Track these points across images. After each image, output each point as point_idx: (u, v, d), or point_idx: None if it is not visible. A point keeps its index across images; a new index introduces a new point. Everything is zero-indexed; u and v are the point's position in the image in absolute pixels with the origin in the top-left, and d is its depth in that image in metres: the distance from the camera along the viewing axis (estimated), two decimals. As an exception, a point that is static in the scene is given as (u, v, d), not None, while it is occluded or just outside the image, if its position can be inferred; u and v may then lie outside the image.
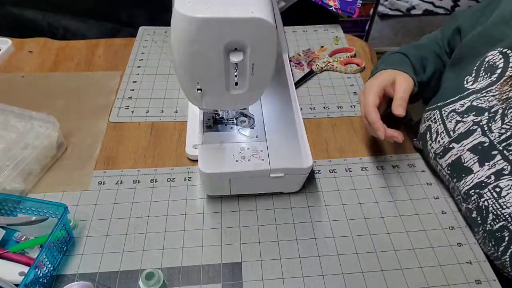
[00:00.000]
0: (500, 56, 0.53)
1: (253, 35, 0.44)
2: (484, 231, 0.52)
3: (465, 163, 0.53)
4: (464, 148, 0.54)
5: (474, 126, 0.53)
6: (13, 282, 0.50)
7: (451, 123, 0.56)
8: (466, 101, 0.56)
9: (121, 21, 1.09)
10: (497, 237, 0.49)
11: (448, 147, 0.56)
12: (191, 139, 0.69)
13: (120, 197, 0.62)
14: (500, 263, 0.50)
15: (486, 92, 0.53)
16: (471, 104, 0.55)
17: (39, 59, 0.88)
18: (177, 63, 0.47)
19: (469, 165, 0.53)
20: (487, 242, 0.52)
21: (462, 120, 0.55)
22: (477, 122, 0.53)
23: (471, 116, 0.54)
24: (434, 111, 0.60)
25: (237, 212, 0.61)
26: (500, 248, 0.49)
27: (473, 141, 0.53)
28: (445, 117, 0.57)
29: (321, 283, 0.53)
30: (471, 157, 0.53)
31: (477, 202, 0.52)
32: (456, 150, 0.55)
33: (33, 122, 0.65)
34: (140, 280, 0.46)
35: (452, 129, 0.56)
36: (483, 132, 0.52)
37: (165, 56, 0.90)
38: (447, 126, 0.57)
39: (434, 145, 0.59)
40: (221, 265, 0.55)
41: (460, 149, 0.54)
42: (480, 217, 0.52)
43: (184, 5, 0.42)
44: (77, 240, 0.57)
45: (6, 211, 0.57)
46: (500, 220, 0.49)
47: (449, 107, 0.57)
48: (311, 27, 1.01)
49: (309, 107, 0.79)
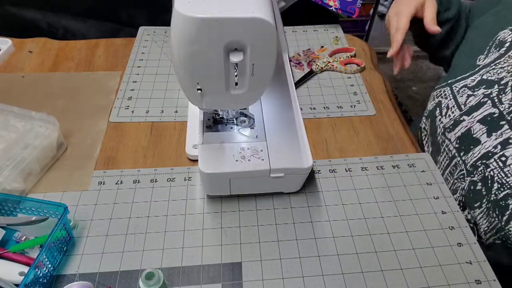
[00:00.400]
0: (510, 33, 0.56)
1: (253, 35, 0.44)
2: (488, 202, 0.51)
3: (474, 134, 0.54)
4: (474, 120, 0.54)
5: (484, 99, 0.55)
6: (13, 282, 0.50)
7: (462, 98, 0.58)
8: (477, 75, 0.57)
9: (121, 21, 1.09)
10: (501, 206, 0.49)
11: (458, 120, 0.57)
12: (191, 139, 0.69)
13: (120, 197, 0.62)
14: (503, 233, 0.50)
15: (495, 65, 0.55)
16: (481, 78, 0.56)
17: (39, 59, 0.88)
18: (177, 63, 0.47)
19: (477, 136, 0.53)
20: (491, 213, 0.51)
21: (473, 94, 0.56)
22: (488, 94, 0.54)
23: (482, 89, 0.55)
24: (445, 88, 0.62)
25: (237, 212, 0.61)
26: (504, 217, 0.49)
27: (483, 113, 0.54)
28: (456, 92, 0.59)
29: (321, 283, 0.53)
30: (480, 128, 0.53)
31: (483, 173, 0.51)
32: (467, 122, 0.55)
33: (33, 122, 0.65)
34: (140, 280, 0.46)
35: (464, 102, 0.57)
36: (493, 104, 0.53)
37: (165, 56, 0.90)
38: (458, 100, 0.58)
39: (443, 119, 0.60)
40: (221, 265, 0.55)
41: (471, 121, 0.55)
42: (485, 188, 0.51)
43: (184, 5, 0.42)
44: (77, 240, 0.57)
45: (6, 211, 0.57)
46: (504, 188, 0.49)
47: (460, 83, 0.59)
48: (311, 27, 1.01)
49: (309, 107, 0.79)
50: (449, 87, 0.61)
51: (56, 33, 1.07)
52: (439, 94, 0.63)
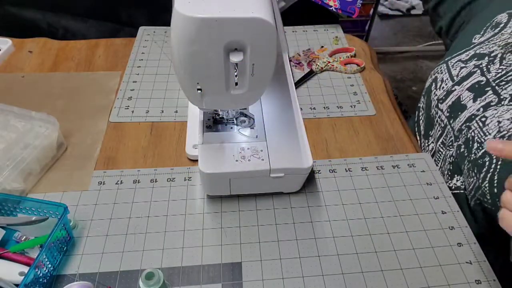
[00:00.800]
0: (506, 15, 0.60)
1: (253, 35, 0.44)
2: (469, 162, 0.53)
3: (462, 100, 0.57)
4: (463, 88, 0.58)
5: (474, 69, 0.58)
6: (13, 282, 0.50)
7: (455, 70, 0.61)
8: (471, 51, 0.61)
9: (121, 21, 1.09)
10: (479, 164, 0.50)
11: (450, 90, 0.60)
12: (191, 139, 0.69)
13: (120, 197, 0.62)
14: (480, 192, 0.50)
15: (488, 42, 0.59)
16: (474, 52, 0.60)
17: (39, 59, 0.88)
18: (177, 63, 0.47)
19: (465, 102, 0.57)
20: (471, 172, 0.52)
21: (465, 66, 0.60)
22: (478, 65, 0.58)
23: (474, 61, 0.59)
24: (442, 65, 0.65)
25: (237, 212, 0.61)
26: (481, 175, 0.50)
27: (472, 81, 0.57)
28: (451, 67, 0.63)
29: (321, 283, 0.53)
30: (468, 94, 0.57)
31: (465, 135, 0.54)
32: (457, 91, 0.59)
33: (33, 122, 0.65)
34: (140, 280, 0.46)
35: (456, 74, 0.61)
36: (482, 73, 0.57)
37: (165, 56, 0.90)
38: (452, 73, 0.61)
39: (437, 92, 0.63)
40: (221, 265, 0.55)
41: (460, 89, 0.58)
42: (467, 149, 0.53)
43: (184, 5, 0.42)
44: (77, 240, 0.57)
45: (6, 211, 0.57)
46: (483, 147, 0.51)
47: (455, 59, 0.63)
48: (311, 27, 1.01)
49: (309, 107, 0.79)
50: (445, 64, 0.65)
51: (56, 33, 1.07)
52: (435, 71, 0.67)
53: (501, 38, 0.58)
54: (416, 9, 2.65)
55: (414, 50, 2.35)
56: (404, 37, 2.44)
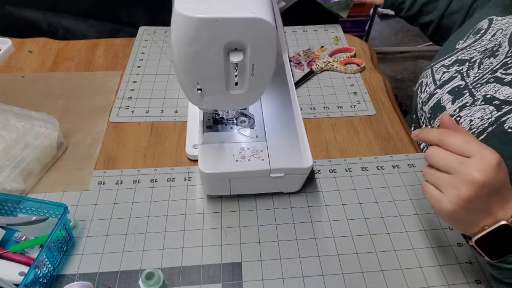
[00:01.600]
0: (487, 21, 0.64)
1: (253, 35, 0.44)
2: None
3: (442, 103, 0.61)
4: (444, 91, 0.62)
5: (455, 74, 0.63)
6: (13, 282, 0.50)
7: (438, 75, 0.66)
8: (453, 56, 0.65)
9: (121, 21, 1.09)
10: None
11: (432, 93, 0.65)
12: (191, 139, 0.69)
13: (120, 197, 0.62)
14: None
15: (469, 47, 0.64)
16: (456, 58, 0.65)
17: (39, 59, 0.88)
18: (177, 63, 0.47)
19: (444, 104, 0.61)
20: None
21: (447, 71, 0.65)
22: (459, 70, 0.63)
23: (455, 67, 0.64)
24: (427, 70, 0.69)
25: (237, 212, 0.61)
26: None
27: (453, 85, 0.62)
28: (435, 71, 0.67)
29: (321, 283, 0.53)
30: (448, 97, 0.61)
31: None
32: (439, 94, 0.63)
33: (33, 122, 0.65)
34: (140, 280, 0.46)
35: (439, 78, 0.65)
36: (462, 77, 0.61)
37: (165, 56, 0.90)
38: (435, 77, 0.66)
39: (422, 95, 0.67)
40: (221, 265, 0.55)
41: (442, 92, 0.63)
42: None
43: (184, 5, 0.42)
44: (77, 240, 0.57)
45: (6, 211, 0.57)
46: None
47: (439, 63, 0.67)
48: (311, 27, 1.01)
49: (309, 107, 0.79)
50: (430, 69, 0.69)
51: (56, 33, 1.07)
52: (422, 76, 0.71)
53: (481, 44, 0.62)
54: (416, 9, 2.65)
55: (414, 50, 2.35)
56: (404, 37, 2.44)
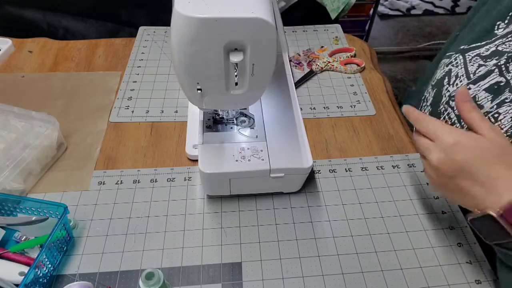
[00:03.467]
0: None
1: (253, 35, 0.44)
2: None
3: (478, 100, 0.55)
4: (480, 88, 0.55)
5: (493, 67, 0.55)
6: (13, 282, 0.50)
7: (473, 66, 0.58)
8: (491, 45, 0.57)
9: (121, 21, 1.09)
10: None
11: None
12: (191, 139, 0.69)
13: (120, 197, 0.62)
14: None
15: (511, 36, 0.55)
16: (496, 48, 0.56)
17: (39, 59, 0.88)
18: (177, 63, 0.47)
19: (481, 102, 0.55)
20: None
21: (484, 64, 0.57)
22: (496, 64, 0.55)
23: (494, 60, 0.56)
24: (457, 55, 0.61)
25: (237, 212, 0.61)
26: None
27: (490, 81, 0.55)
28: (468, 61, 0.59)
29: (321, 283, 0.53)
30: (485, 95, 0.54)
31: None
32: (473, 91, 0.56)
33: (33, 122, 0.65)
34: (140, 280, 0.46)
35: (473, 72, 0.57)
36: (501, 73, 0.54)
37: (165, 56, 0.90)
38: (469, 69, 0.58)
39: (450, 88, 0.60)
40: (221, 265, 0.55)
41: (476, 89, 0.56)
42: None
43: (184, 5, 0.42)
44: (77, 240, 0.57)
45: (6, 211, 0.57)
46: None
47: (474, 52, 0.59)
48: (311, 27, 1.01)
49: (309, 107, 0.79)
50: (461, 55, 0.60)
51: (56, 33, 1.07)
52: (450, 62, 0.62)
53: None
54: (416, 9, 2.65)
55: (414, 50, 2.35)
56: (404, 37, 2.44)
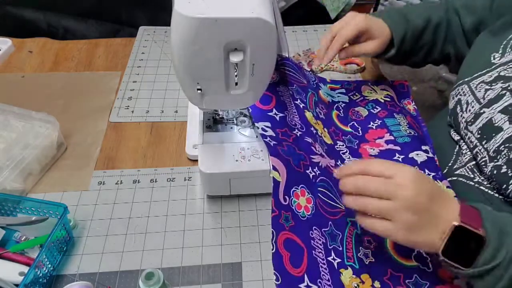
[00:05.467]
0: None
1: (253, 35, 0.44)
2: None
3: (496, 123, 0.56)
4: (495, 111, 0.57)
5: (503, 91, 0.57)
6: (13, 282, 0.50)
7: (480, 92, 0.60)
8: (494, 72, 0.59)
9: (121, 21, 1.09)
10: None
11: (478, 113, 0.59)
12: (191, 139, 0.69)
13: (120, 197, 0.62)
14: None
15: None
16: (498, 74, 0.59)
17: (39, 59, 0.88)
18: (177, 63, 0.47)
19: (499, 124, 0.56)
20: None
21: (491, 88, 0.59)
22: (505, 87, 0.57)
23: (500, 84, 0.58)
24: (462, 86, 0.63)
25: (237, 212, 0.61)
26: None
27: (504, 103, 0.56)
28: (474, 89, 0.61)
29: (321, 283, 0.53)
30: (502, 117, 0.56)
31: (507, 156, 0.53)
32: (487, 114, 0.57)
33: (33, 122, 0.65)
34: (140, 280, 0.46)
35: (482, 96, 0.59)
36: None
37: (165, 56, 0.90)
38: (477, 95, 0.60)
39: (464, 114, 0.62)
40: (221, 265, 0.55)
41: (491, 112, 0.57)
42: (511, 169, 0.53)
43: (184, 5, 0.42)
44: (77, 240, 0.57)
45: (6, 211, 0.57)
46: None
47: (477, 80, 0.61)
48: (311, 27, 1.00)
49: (309, 107, 0.79)
50: (466, 85, 0.62)
51: (56, 33, 1.07)
52: (457, 93, 0.64)
53: None
54: (416, 9, 2.65)
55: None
56: (404, 37, 2.44)
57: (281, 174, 0.54)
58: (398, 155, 0.65)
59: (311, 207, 0.56)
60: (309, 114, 0.65)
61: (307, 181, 0.57)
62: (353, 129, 0.71)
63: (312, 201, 0.56)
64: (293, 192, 0.55)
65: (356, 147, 0.67)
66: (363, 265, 0.52)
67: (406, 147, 0.66)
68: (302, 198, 0.56)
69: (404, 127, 0.69)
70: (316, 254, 0.52)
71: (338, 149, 0.66)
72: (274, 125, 0.59)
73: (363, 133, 0.70)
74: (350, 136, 0.69)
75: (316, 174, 0.58)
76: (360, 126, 0.71)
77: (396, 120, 0.70)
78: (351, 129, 0.71)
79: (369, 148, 0.67)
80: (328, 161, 0.60)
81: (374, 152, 0.66)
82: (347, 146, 0.67)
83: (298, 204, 0.55)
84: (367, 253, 0.53)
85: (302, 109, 0.64)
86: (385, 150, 0.66)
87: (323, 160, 0.59)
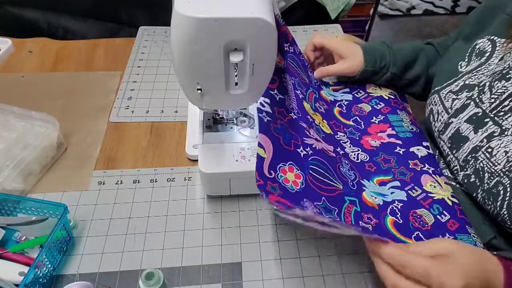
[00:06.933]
0: (489, 42, 0.62)
1: (253, 35, 0.44)
2: (483, 191, 0.54)
3: (463, 133, 0.59)
4: (461, 120, 0.59)
5: (468, 101, 0.60)
6: (13, 282, 0.50)
7: (448, 102, 0.62)
8: (460, 81, 0.62)
9: (121, 21, 1.09)
10: (493, 193, 0.52)
11: (447, 122, 0.62)
12: (191, 139, 0.69)
13: (120, 197, 0.62)
14: (500, 219, 0.52)
15: (476, 72, 0.61)
16: (464, 83, 0.62)
17: (39, 59, 0.88)
18: (177, 63, 0.47)
19: (465, 134, 0.58)
20: (487, 201, 0.54)
21: (457, 98, 0.61)
22: (470, 96, 0.60)
23: (465, 93, 0.61)
24: (434, 95, 0.66)
25: (237, 212, 0.61)
26: (498, 203, 0.52)
27: (469, 113, 0.59)
28: (443, 98, 0.64)
29: (321, 283, 0.53)
30: (467, 126, 0.58)
31: (474, 166, 0.56)
32: (455, 124, 0.60)
33: (33, 122, 0.65)
34: (140, 280, 0.46)
35: (450, 106, 0.62)
36: (476, 104, 0.58)
37: (165, 56, 0.90)
38: (445, 105, 0.63)
39: (436, 124, 0.64)
40: (221, 265, 0.55)
41: (458, 122, 0.60)
42: (478, 179, 0.55)
43: (184, 5, 0.42)
44: (77, 240, 0.57)
45: (6, 211, 0.57)
46: (494, 176, 0.53)
47: (446, 89, 0.64)
48: (311, 27, 1.00)
49: (309, 107, 0.79)
50: (437, 94, 0.65)
51: (56, 33, 1.07)
52: (430, 102, 0.67)
53: (489, 68, 0.60)
54: (416, 9, 2.66)
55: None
56: (404, 37, 2.44)
57: (267, 151, 0.52)
58: (399, 148, 0.65)
59: (300, 182, 0.53)
60: (308, 105, 0.65)
61: (297, 158, 0.55)
62: (356, 123, 0.71)
63: (302, 177, 0.54)
64: (280, 168, 0.53)
65: (358, 138, 0.68)
66: None
67: (408, 141, 0.66)
68: (290, 173, 0.53)
69: (407, 123, 0.69)
70: None
71: (338, 138, 0.66)
72: (273, 103, 0.58)
73: (366, 127, 0.70)
74: (352, 129, 0.69)
75: (308, 153, 0.56)
76: (362, 120, 0.71)
77: (399, 116, 0.71)
78: (353, 123, 0.71)
79: (371, 140, 0.67)
80: (325, 145, 0.60)
81: (376, 144, 0.66)
82: (348, 137, 0.68)
83: (285, 178, 0.53)
84: (367, 228, 0.53)
85: (301, 100, 0.64)
86: (386, 143, 0.66)
87: (317, 143, 0.59)
